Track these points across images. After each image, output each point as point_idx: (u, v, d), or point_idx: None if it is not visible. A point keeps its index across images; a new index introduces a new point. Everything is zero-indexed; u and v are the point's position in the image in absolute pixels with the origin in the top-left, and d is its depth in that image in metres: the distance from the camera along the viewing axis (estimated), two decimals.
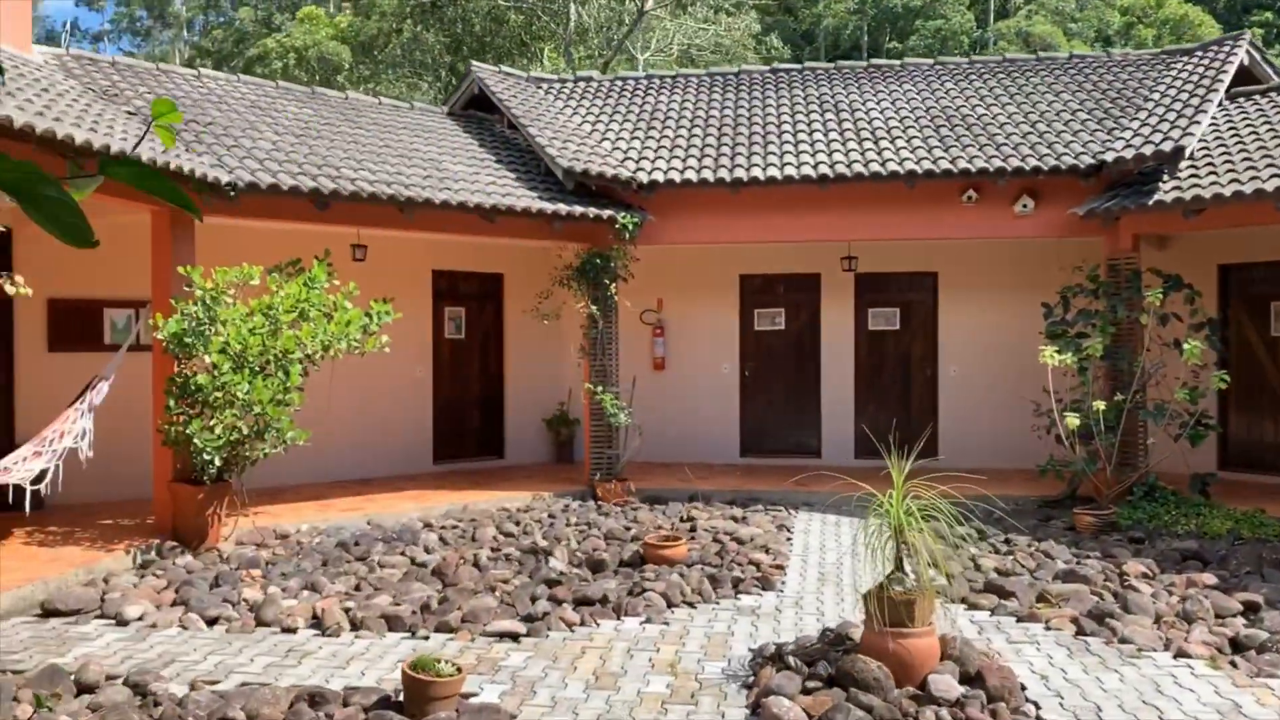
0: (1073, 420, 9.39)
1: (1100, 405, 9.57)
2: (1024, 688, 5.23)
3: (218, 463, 8.01)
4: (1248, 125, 10.73)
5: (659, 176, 10.95)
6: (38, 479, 7.89)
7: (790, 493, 10.71)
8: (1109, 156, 10.26)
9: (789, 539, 9.01)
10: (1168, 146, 9.94)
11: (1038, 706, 5.02)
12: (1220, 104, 11.34)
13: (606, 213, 10.59)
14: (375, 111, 12.31)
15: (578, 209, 10.41)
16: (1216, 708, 5.03)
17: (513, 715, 4.88)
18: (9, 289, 6.48)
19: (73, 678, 5.10)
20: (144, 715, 4.79)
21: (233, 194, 8.18)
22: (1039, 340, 10.32)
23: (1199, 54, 12.39)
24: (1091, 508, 9.40)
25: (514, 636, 6.10)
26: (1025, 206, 10.81)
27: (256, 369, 8.15)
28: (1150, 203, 9.70)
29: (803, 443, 13.16)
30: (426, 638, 6.13)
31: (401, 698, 4.91)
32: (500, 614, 6.43)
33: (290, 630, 6.25)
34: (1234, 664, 5.61)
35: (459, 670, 4.92)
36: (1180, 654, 5.74)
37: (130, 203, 8.27)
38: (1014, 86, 12.64)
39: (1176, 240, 11.63)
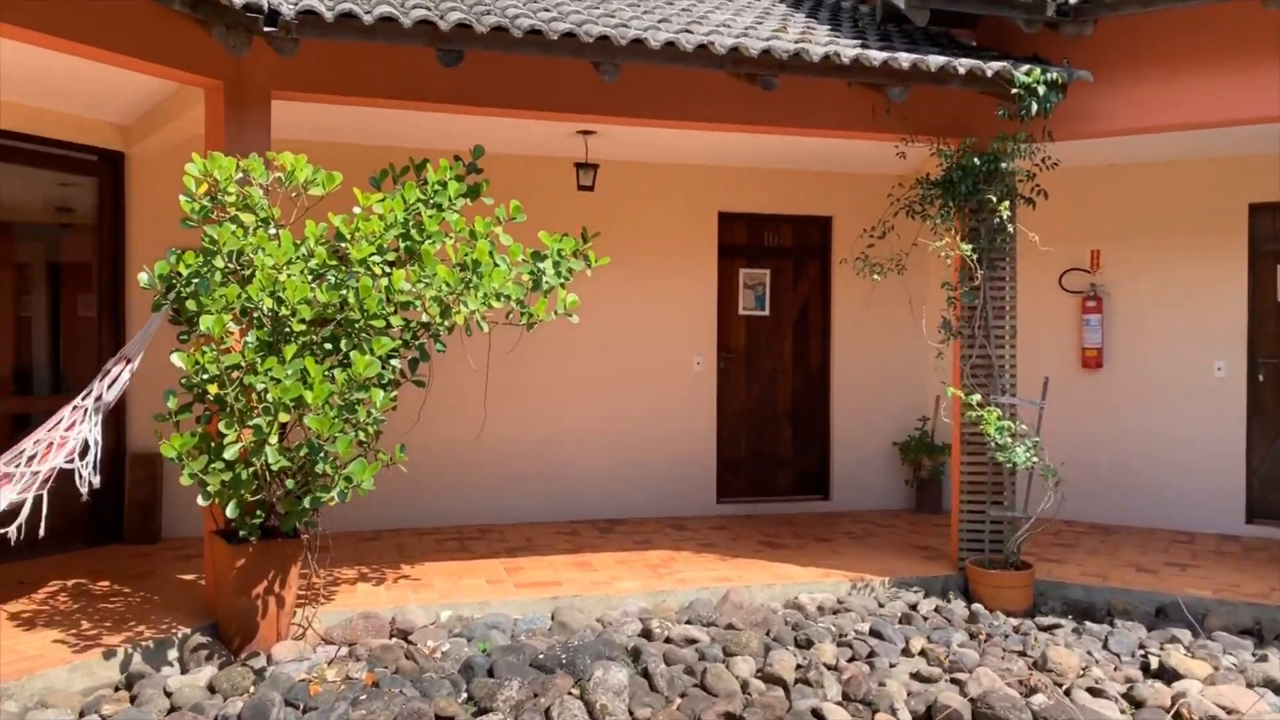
0: None
1: None
2: None
3: (231, 511, 4.46)
4: None
5: None
6: (3, 518, 4.90)
7: None
8: None
9: None
10: None
11: None
12: None
13: (992, 66, 5.68)
14: None
15: (934, 59, 5.62)
16: None
17: None
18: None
19: None
20: None
21: (270, 27, 4.58)
22: None
23: None
24: None
25: None
26: None
27: (308, 344, 4.51)
28: None
29: None
30: None
31: None
32: None
33: None
34: None
35: None
36: None
37: (159, 68, 5.02)
38: None
39: None
